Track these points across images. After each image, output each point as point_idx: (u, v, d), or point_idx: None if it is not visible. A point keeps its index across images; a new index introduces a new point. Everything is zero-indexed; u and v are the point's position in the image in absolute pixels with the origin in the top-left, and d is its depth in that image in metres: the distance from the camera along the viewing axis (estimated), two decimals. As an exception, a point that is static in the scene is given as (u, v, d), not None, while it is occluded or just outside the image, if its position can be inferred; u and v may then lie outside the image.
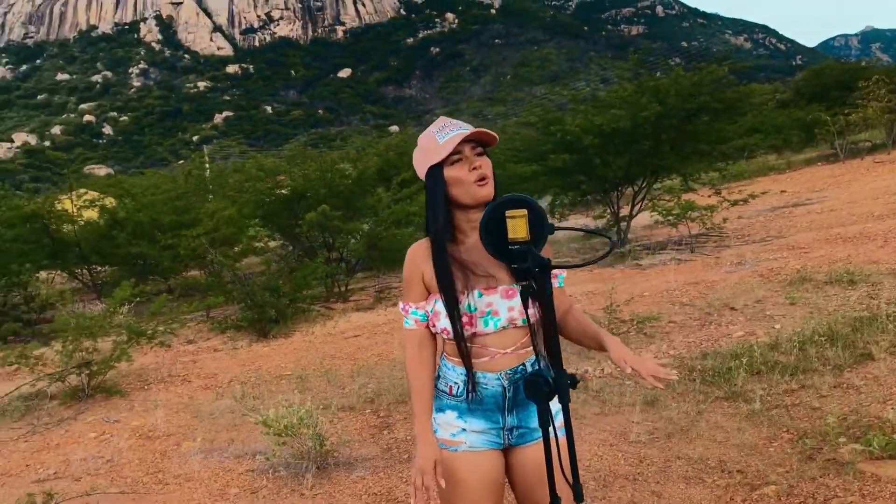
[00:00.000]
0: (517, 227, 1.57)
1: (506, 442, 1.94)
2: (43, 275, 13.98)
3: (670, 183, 13.17)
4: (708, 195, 11.92)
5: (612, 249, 1.67)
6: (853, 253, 7.83)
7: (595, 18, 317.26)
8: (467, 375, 1.88)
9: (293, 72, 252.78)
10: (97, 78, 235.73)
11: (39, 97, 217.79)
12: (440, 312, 1.88)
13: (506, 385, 1.88)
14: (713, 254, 9.90)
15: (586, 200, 15.27)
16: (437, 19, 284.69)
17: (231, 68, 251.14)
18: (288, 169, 12.42)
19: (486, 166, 1.86)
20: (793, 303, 6.21)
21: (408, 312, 1.97)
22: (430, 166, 1.89)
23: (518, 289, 1.80)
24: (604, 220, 13.53)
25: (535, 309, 1.83)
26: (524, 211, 1.58)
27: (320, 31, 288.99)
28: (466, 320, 1.84)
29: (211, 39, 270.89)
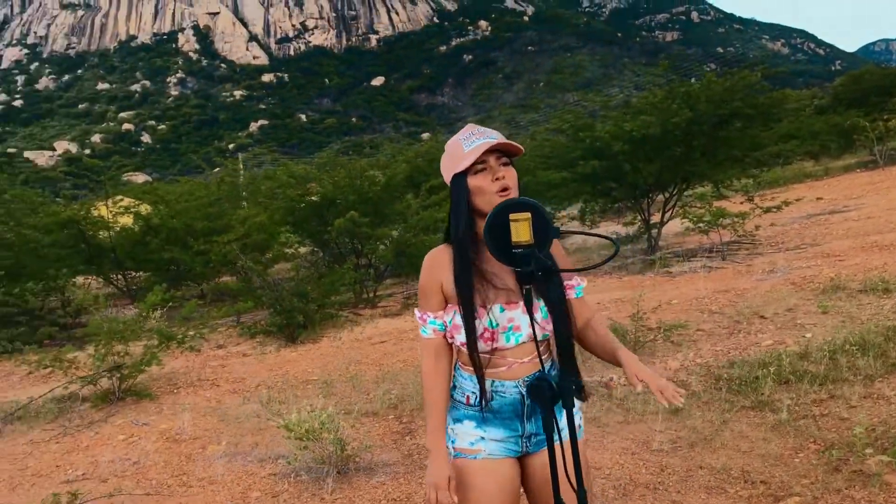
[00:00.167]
0: (520, 231, 1.56)
1: (523, 449, 1.93)
2: (80, 280, 14.26)
3: (702, 190, 13.01)
4: (740, 202, 11.76)
5: (616, 253, 1.65)
6: (889, 261, 7.66)
7: (629, 25, 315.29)
8: (479, 387, 1.87)
9: (327, 80, 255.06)
10: (136, 87, 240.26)
11: (80, 106, 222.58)
12: (460, 326, 1.86)
13: (524, 392, 1.87)
14: (745, 261, 9.75)
15: (617, 207, 15.18)
16: (470, 27, 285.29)
17: (266, 77, 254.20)
18: (318, 176, 12.53)
19: (510, 177, 1.85)
20: (825, 311, 6.09)
21: (426, 322, 1.96)
22: (455, 174, 1.89)
23: (539, 304, 1.79)
24: (634, 228, 13.42)
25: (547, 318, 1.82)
26: (528, 214, 1.57)
27: (354, 40, 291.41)
28: (488, 336, 1.83)
29: (247, 49, 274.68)
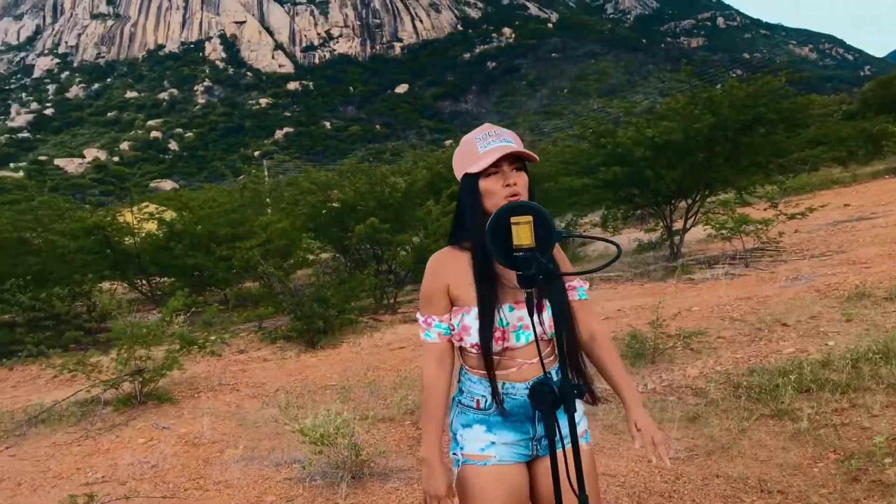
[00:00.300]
0: (522, 234, 1.56)
1: (533, 452, 1.92)
2: (106, 285, 14.46)
3: (725, 196, 12.87)
4: (764, 209, 11.62)
5: (618, 257, 1.64)
6: (916, 268, 7.53)
7: (654, 31, 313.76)
8: (492, 387, 1.86)
9: (351, 88, 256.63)
10: (164, 95, 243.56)
11: (109, 114, 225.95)
12: (470, 327, 1.85)
13: None
14: (768, 268, 9.63)
15: (640, 214, 15.08)
16: (494, 34, 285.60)
17: (292, 85, 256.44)
18: (339, 182, 12.60)
19: (521, 183, 1.84)
20: (849, 319, 5.99)
21: (430, 325, 1.94)
22: (467, 173, 1.89)
23: (546, 303, 1.79)
24: (656, 234, 13.32)
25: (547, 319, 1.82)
26: (529, 217, 1.57)
27: (378, 48, 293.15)
28: (499, 335, 1.83)
29: (273, 57, 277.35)
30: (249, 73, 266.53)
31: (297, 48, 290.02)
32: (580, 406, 1.99)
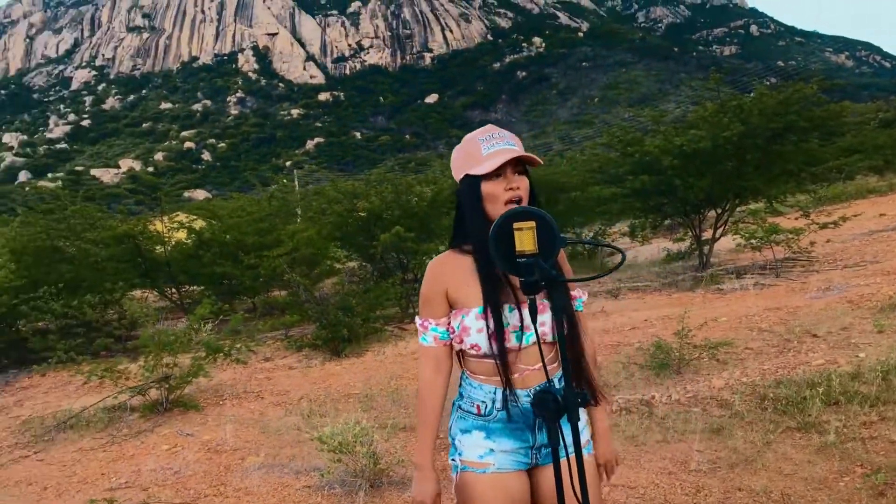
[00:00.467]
0: (524, 240, 1.54)
1: (533, 461, 1.89)
2: (137, 293, 14.65)
3: (755, 206, 12.68)
4: (795, 218, 11.43)
5: (622, 263, 1.62)
6: (952, 279, 7.34)
7: (685, 39, 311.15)
8: (507, 391, 1.83)
9: (382, 98, 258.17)
10: (197, 106, 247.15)
11: (144, 125, 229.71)
12: (469, 328, 1.84)
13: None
14: (799, 279, 9.46)
15: (669, 224, 14.92)
16: (524, 44, 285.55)
17: (323, 96, 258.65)
18: (365, 192, 12.65)
19: (524, 187, 1.83)
20: (881, 331, 5.85)
21: (427, 329, 1.93)
22: (468, 174, 1.87)
23: (547, 304, 1.77)
24: (685, 244, 13.17)
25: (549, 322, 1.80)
26: (532, 223, 1.55)
27: (408, 59, 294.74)
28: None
29: (304, 68, 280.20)
30: (281, 84, 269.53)
31: (328, 59, 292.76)
32: (583, 415, 1.96)
